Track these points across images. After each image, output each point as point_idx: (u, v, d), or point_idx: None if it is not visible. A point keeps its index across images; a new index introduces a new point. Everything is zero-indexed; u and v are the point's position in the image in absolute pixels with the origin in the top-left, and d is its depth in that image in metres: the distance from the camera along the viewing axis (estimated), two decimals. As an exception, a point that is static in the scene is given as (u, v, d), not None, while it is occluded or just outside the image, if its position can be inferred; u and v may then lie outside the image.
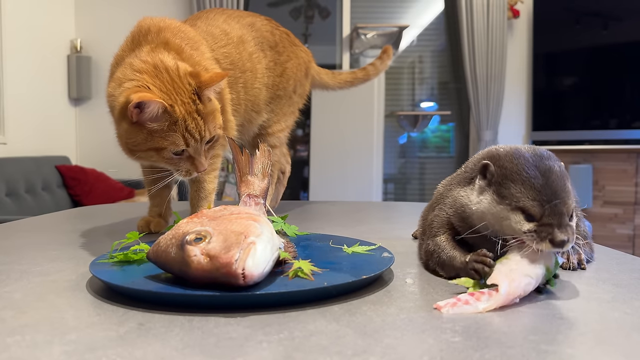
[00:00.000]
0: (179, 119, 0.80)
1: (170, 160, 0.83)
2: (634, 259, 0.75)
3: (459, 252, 0.60)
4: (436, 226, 0.65)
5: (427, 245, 0.66)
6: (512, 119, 4.33)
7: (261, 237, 0.52)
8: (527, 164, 0.57)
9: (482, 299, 0.51)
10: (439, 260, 0.62)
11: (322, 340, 0.42)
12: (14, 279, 0.62)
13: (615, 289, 0.58)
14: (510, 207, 0.55)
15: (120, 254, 0.62)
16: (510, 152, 0.59)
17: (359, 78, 1.42)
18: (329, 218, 1.19)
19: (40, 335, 0.43)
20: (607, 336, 0.43)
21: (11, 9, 3.43)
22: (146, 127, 0.80)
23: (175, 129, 0.80)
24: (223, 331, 0.44)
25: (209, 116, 0.83)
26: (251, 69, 1.10)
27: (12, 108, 3.48)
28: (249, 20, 1.16)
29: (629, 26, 4.04)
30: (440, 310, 0.49)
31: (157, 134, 0.80)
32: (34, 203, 3.26)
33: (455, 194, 0.64)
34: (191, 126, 0.81)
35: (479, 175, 0.60)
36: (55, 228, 1.06)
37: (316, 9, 4.59)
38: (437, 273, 0.63)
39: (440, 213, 0.66)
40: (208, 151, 0.86)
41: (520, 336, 0.43)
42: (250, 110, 1.12)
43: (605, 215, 4.27)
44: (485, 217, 0.58)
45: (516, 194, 0.55)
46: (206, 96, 0.84)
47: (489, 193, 0.58)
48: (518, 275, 0.52)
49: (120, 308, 0.50)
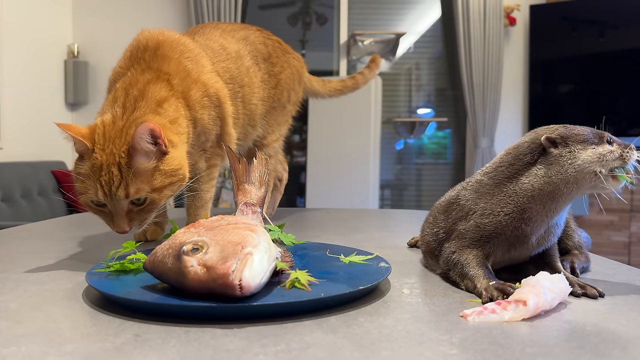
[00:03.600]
0: (95, 168, 0.74)
1: (90, 208, 0.78)
2: (629, 269, 0.75)
3: (483, 272, 0.61)
4: (471, 238, 0.65)
5: (450, 256, 0.65)
6: (509, 126, 4.35)
7: (258, 248, 0.52)
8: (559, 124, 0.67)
9: (509, 308, 0.51)
10: (463, 274, 0.62)
11: (319, 352, 0.42)
12: (10, 288, 0.61)
13: (611, 299, 0.58)
14: (597, 144, 0.63)
15: (117, 263, 0.61)
16: (539, 130, 0.68)
17: (348, 86, 1.45)
18: (326, 226, 1.19)
19: (36, 347, 0.43)
20: (604, 350, 0.43)
21: (8, 14, 3.43)
22: (76, 167, 0.77)
23: (91, 177, 0.75)
24: (220, 343, 0.44)
25: (134, 175, 0.75)
26: (249, 83, 1.10)
27: (9, 112, 3.47)
28: (242, 33, 1.16)
29: (625, 34, 4.07)
30: (466, 318, 0.50)
31: (80, 176, 0.76)
32: (30, 208, 3.25)
33: (511, 188, 0.64)
34: (104, 179, 0.74)
35: (549, 149, 0.63)
36: (50, 235, 1.05)
37: (314, 16, 4.60)
38: (455, 284, 0.64)
39: (482, 221, 0.64)
40: (139, 213, 0.78)
41: (517, 349, 0.43)
42: (247, 125, 1.12)
43: (601, 223, 4.28)
44: (586, 168, 0.62)
45: (589, 134, 0.64)
46: (140, 152, 0.75)
47: (571, 151, 0.63)
48: (544, 290, 0.53)
49: (116, 318, 0.50)
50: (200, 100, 0.92)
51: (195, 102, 0.91)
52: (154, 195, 0.77)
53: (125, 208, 0.76)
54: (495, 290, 0.56)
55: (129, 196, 0.75)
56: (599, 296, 0.60)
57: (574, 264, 0.71)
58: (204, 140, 0.96)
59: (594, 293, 0.60)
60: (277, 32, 1.32)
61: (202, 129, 0.94)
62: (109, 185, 0.74)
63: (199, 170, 0.99)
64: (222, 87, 1.00)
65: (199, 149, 0.96)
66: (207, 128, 0.95)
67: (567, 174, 0.62)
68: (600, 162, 0.62)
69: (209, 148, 0.99)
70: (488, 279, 0.59)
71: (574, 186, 0.62)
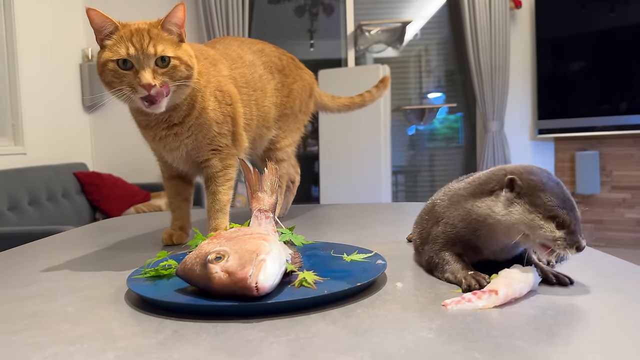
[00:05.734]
0: (125, 34, 0.91)
1: (116, 73, 0.92)
2: (604, 256, 0.84)
3: (460, 265, 0.70)
4: (441, 242, 0.73)
5: (430, 258, 0.75)
6: (518, 109, 4.38)
7: (270, 255, 0.62)
8: (546, 177, 0.65)
9: (482, 297, 0.61)
10: (443, 270, 0.72)
11: (322, 340, 0.52)
12: (63, 294, 0.72)
13: (577, 287, 0.67)
14: (543, 216, 0.63)
15: (152, 270, 0.72)
16: (527, 168, 0.67)
17: (356, 103, 1.56)
18: (333, 222, 1.29)
19: (95, 344, 0.53)
20: (557, 331, 0.53)
21: (23, 23, 3.55)
22: (103, 45, 0.93)
23: (121, 41, 0.91)
24: (241, 335, 0.54)
25: (161, 39, 0.92)
26: (261, 88, 1.22)
27: (29, 118, 3.61)
28: (259, 47, 1.30)
29: (636, 9, 4.03)
30: (446, 307, 0.60)
31: (107, 48, 0.92)
32: (55, 210, 3.39)
33: (469, 206, 0.70)
34: (135, 39, 0.90)
35: (505, 188, 0.66)
36: (84, 244, 1.16)
37: (320, 6, 4.66)
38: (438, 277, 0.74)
39: (446, 229, 0.73)
40: (162, 75, 0.92)
41: (484, 332, 0.53)
42: (261, 126, 1.23)
43: (614, 201, 4.32)
44: (516, 226, 0.64)
45: (548, 203, 0.63)
46: (167, 28, 0.94)
47: (519, 204, 0.64)
48: (514, 281, 0.63)
49: (156, 318, 0.61)
50: (213, 91, 1.04)
51: (206, 89, 1.03)
52: (175, 61, 0.93)
53: (152, 65, 0.91)
54: (472, 279, 0.66)
55: (157, 53, 0.91)
56: (569, 284, 0.69)
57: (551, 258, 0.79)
58: (215, 135, 1.05)
59: (565, 281, 0.69)
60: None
61: (206, 118, 1.03)
62: (140, 43, 0.90)
63: (213, 169, 1.07)
64: (235, 91, 1.11)
65: (206, 142, 1.06)
66: (213, 118, 1.04)
67: (503, 218, 0.66)
68: (533, 232, 0.64)
69: (224, 147, 1.07)
70: (466, 270, 0.68)
71: (506, 232, 0.66)
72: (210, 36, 4.23)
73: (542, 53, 4.29)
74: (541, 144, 4.42)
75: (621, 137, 4.21)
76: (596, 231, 4.40)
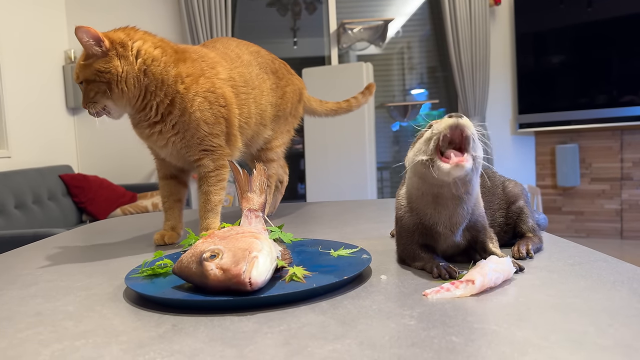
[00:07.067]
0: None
1: None
2: (575, 246, 0.89)
3: (428, 255, 0.77)
4: (404, 236, 0.82)
5: (400, 253, 0.83)
6: (499, 104, 4.47)
7: (262, 252, 0.66)
8: None
9: (460, 287, 0.65)
10: (413, 260, 0.79)
11: (312, 329, 0.56)
12: (63, 294, 0.76)
13: (548, 274, 0.72)
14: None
15: (149, 268, 0.76)
16: None
17: (342, 108, 1.61)
18: (320, 220, 1.33)
19: (99, 339, 0.57)
20: (526, 315, 0.58)
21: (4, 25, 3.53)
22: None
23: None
24: (237, 327, 0.58)
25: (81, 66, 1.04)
26: (258, 86, 1.27)
27: (13, 121, 3.59)
28: (255, 48, 1.36)
29: (614, 2, 4.12)
30: (427, 296, 0.64)
31: None
32: (42, 213, 3.39)
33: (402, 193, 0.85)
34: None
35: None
36: (77, 246, 1.19)
37: (302, 4, 4.69)
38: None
39: (405, 215, 0.82)
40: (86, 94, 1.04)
41: (460, 319, 0.57)
42: (259, 124, 1.28)
43: (594, 192, 4.42)
44: (411, 161, 0.76)
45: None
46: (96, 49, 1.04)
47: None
48: (489, 271, 0.67)
49: (155, 313, 0.64)
50: (203, 92, 1.07)
51: (191, 89, 1.06)
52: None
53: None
54: (444, 270, 0.71)
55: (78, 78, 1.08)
56: (527, 257, 0.81)
57: (529, 246, 0.85)
58: (205, 135, 1.08)
59: (522, 254, 0.81)
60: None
61: (192, 118, 1.06)
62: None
63: (205, 168, 1.10)
64: (230, 93, 1.13)
65: (195, 142, 1.09)
66: (201, 118, 1.07)
67: (410, 173, 0.76)
68: (418, 151, 0.73)
69: (217, 147, 1.10)
70: (434, 260, 0.75)
71: (420, 180, 0.74)
72: (194, 35, 4.25)
73: (521, 48, 4.38)
74: (522, 138, 4.51)
75: (600, 130, 4.31)
76: (577, 222, 4.50)
